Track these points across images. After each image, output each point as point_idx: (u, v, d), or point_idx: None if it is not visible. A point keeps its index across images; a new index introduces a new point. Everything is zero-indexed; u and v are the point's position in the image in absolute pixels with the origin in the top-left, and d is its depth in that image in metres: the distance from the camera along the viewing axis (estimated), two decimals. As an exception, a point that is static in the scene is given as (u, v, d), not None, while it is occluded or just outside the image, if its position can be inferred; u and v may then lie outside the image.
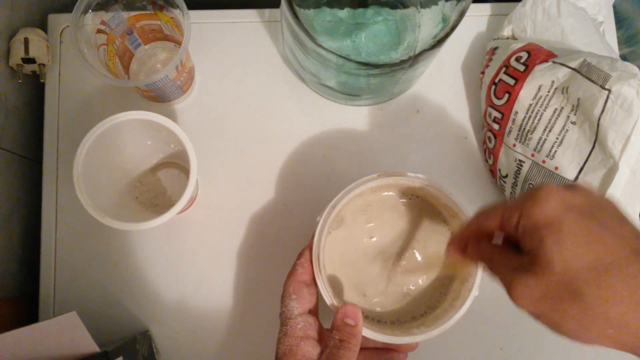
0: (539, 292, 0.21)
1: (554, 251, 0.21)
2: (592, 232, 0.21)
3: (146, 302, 0.45)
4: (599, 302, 0.20)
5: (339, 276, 0.39)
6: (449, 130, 0.49)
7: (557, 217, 0.22)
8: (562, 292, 0.21)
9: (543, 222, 0.22)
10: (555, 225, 0.21)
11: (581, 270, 0.21)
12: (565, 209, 0.22)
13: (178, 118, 0.48)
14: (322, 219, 0.36)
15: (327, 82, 0.45)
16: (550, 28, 0.44)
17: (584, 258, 0.21)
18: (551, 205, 0.22)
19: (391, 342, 0.34)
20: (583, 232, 0.21)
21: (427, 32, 0.40)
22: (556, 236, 0.21)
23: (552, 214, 0.22)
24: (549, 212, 0.22)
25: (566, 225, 0.21)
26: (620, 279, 0.20)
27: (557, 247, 0.21)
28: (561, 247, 0.21)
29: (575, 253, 0.21)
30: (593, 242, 0.21)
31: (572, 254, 0.21)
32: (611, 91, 0.36)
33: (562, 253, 0.21)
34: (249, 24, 0.49)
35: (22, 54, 0.43)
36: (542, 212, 0.22)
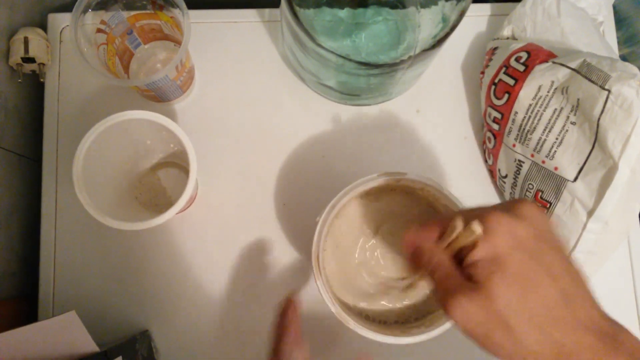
0: (474, 316, 0.24)
1: (499, 288, 0.24)
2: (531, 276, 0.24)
3: (146, 302, 0.45)
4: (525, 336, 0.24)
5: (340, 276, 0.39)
6: (448, 130, 0.49)
7: (505, 254, 0.24)
8: (497, 323, 0.24)
9: (492, 257, 0.24)
10: (503, 263, 0.24)
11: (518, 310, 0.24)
12: (513, 245, 0.24)
13: (178, 118, 0.47)
14: (321, 219, 0.36)
15: (327, 81, 0.45)
16: (550, 28, 0.44)
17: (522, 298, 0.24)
18: (500, 241, 0.24)
19: (391, 342, 0.34)
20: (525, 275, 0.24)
21: (427, 32, 0.40)
22: (502, 275, 0.24)
23: (500, 251, 0.24)
24: (498, 249, 0.24)
25: (513, 265, 0.24)
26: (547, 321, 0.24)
27: (502, 285, 0.24)
28: (505, 286, 0.24)
29: (517, 294, 0.24)
30: (531, 286, 0.24)
31: (514, 294, 0.24)
32: (611, 91, 0.36)
33: (506, 292, 0.24)
34: (249, 23, 0.49)
35: (22, 54, 0.43)
36: (492, 247, 0.24)
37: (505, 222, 0.24)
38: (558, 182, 0.40)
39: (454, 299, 0.24)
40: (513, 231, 0.24)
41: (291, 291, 0.34)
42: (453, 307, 0.24)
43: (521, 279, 0.24)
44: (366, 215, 0.39)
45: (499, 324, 0.24)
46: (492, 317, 0.24)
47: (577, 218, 0.39)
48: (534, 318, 0.24)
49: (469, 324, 0.24)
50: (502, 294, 0.24)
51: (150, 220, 0.37)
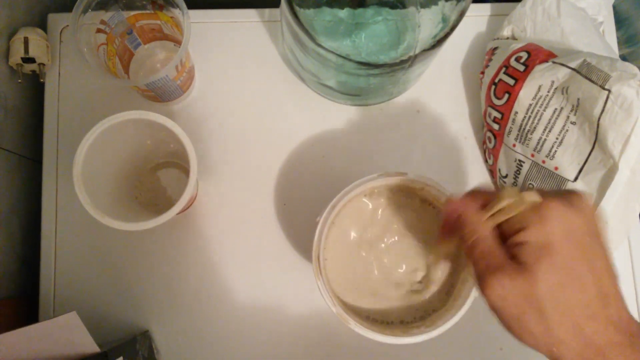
0: (512, 296, 0.24)
1: (544, 274, 0.24)
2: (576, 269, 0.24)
3: (146, 302, 0.45)
4: (557, 325, 0.24)
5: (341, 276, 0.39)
6: (448, 130, 0.49)
7: (557, 243, 0.24)
8: (532, 305, 0.24)
9: (543, 243, 0.24)
10: (554, 251, 0.24)
11: (557, 299, 0.24)
12: (565, 235, 0.24)
13: (178, 117, 0.47)
14: (322, 219, 0.36)
15: (327, 81, 0.45)
16: (550, 28, 0.44)
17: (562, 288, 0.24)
18: (554, 229, 0.24)
19: (392, 342, 0.34)
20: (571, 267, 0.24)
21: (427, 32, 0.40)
22: (551, 262, 0.24)
23: (553, 239, 0.24)
24: (551, 236, 0.24)
25: (562, 255, 0.24)
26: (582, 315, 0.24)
27: (548, 272, 0.24)
28: (551, 274, 0.24)
29: (560, 284, 0.24)
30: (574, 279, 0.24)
31: (557, 284, 0.24)
32: (611, 91, 0.36)
33: (550, 279, 0.24)
34: (249, 23, 0.49)
35: (22, 54, 0.43)
36: (545, 234, 0.24)
37: (562, 211, 0.24)
38: (558, 182, 0.40)
39: (495, 277, 0.24)
40: (568, 222, 0.24)
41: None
42: (492, 283, 0.24)
43: (567, 270, 0.24)
44: (366, 215, 0.39)
45: (535, 309, 0.24)
46: (530, 301, 0.24)
47: (577, 218, 0.39)
48: (570, 310, 0.24)
49: (505, 303, 0.24)
50: (546, 281, 0.24)
51: (150, 221, 0.37)
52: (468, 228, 0.27)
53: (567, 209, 0.25)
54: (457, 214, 0.28)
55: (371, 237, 0.39)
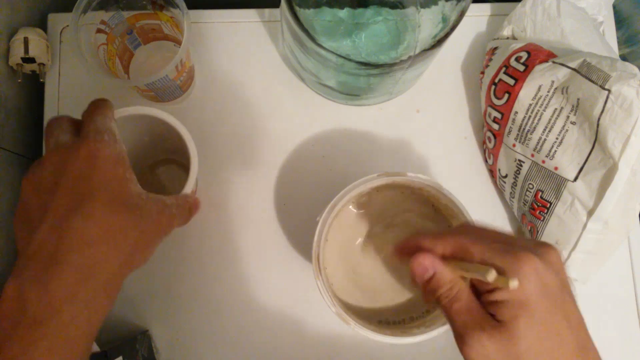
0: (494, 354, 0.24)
1: (524, 331, 0.24)
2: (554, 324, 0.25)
3: (146, 302, 0.45)
4: None
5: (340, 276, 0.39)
6: (448, 130, 0.49)
7: (533, 300, 0.24)
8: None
9: (520, 300, 0.25)
10: (531, 308, 0.24)
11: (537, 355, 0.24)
12: (541, 291, 0.25)
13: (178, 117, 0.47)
14: (322, 219, 0.36)
15: (327, 81, 0.45)
16: (550, 28, 0.44)
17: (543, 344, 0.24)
18: (530, 285, 0.24)
19: (391, 342, 0.34)
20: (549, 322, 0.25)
21: (427, 32, 0.40)
22: (529, 319, 0.24)
23: (529, 296, 0.24)
24: (527, 293, 0.24)
25: (539, 311, 0.24)
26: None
27: (527, 329, 0.24)
28: (530, 330, 0.24)
29: (538, 338, 0.24)
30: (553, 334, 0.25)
31: (535, 339, 0.24)
32: (611, 91, 0.36)
33: (529, 335, 0.24)
34: (248, 23, 0.49)
35: (22, 54, 0.43)
36: (521, 291, 0.24)
37: (536, 267, 0.25)
38: (558, 181, 0.40)
39: (474, 335, 0.25)
40: (542, 277, 0.25)
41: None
42: (471, 342, 0.25)
43: (545, 325, 0.24)
44: (366, 215, 0.39)
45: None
46: (511, 358, 0.24)
47: (577, 218, 0.39)
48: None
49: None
50: (526, 337, 0.24)
51: None
52: (444, 287, 0.27)
53: (540, 265, 0.25)
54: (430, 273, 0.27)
55: (371, 237, 0.39)
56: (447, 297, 0.27)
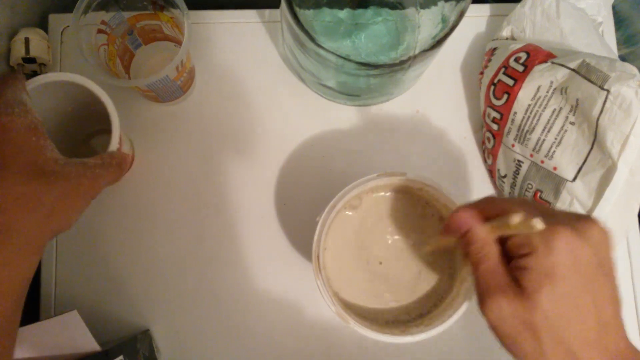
0: (509, 318, 0.25)
1: (543, 303, 0.24)
2: (578, 300, 0.24)
3: (147, 302, 0.45)
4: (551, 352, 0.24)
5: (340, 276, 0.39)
6: (448, 131, 0.49)
7: (560, 273, 0.24)
8: (528, 329, 0.24)
9: (547, 271, 0.24)
10: (556, 281, 0.24)
11: (553, 327, 0.24)
12: (570, 266, 0.24)
13: (178, 118, 0.48)
14: (322, 219, 0.36)
15: (327, 82, 0.45)
16: (550, 29, 0.44)
17: (560, 317, 0.24)
18: (560, 258, 0.24)
19: (391, 341, 0.34)
20: (572, 297, 0.24)
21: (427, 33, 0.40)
22: (551, 291, 0.24)
23: (557, 268, 0.24)
24: (555, 265, 0.24)
25: (564, 285, 0.24)
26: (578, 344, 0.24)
27: (547, 301, 0.24)
28: (550, 303, 0.24)
29: (558, 312, 0.24)
30: (574, 310, 0.24)
31: (555, 312, 0.24)
32: (610, 92, 0.36)
33: (548, 308, 0.24)
34: (249, 24, 0.49)
35: (22, 54, 0.43)
36: (550, 262, 0.24)
37: (570, 241, 0.24)
38: (557, 181, 0.40)
39: (494, 297, 0.25)
40: (575, 252, 0.25)
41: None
42: (490, 304, 0.25)
43: (567, 300, 0.24)
44: (366, 215, 0.39)
45: (530, 334, 0.24)
46: (526, 325, 0.24)
47: (576, 218, 0.39)
48: (566, 339, 0.24)
49: (501, 323, 0.25)
50: (545, 309, 0.24)
51: None
52: (476, 245, 0.27)
53: (575, 239, 0.25)
54: (466, 228, 0.28)
55: (370, 237, 0.39)
56: (477, 255, 0.27)
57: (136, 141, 0.47)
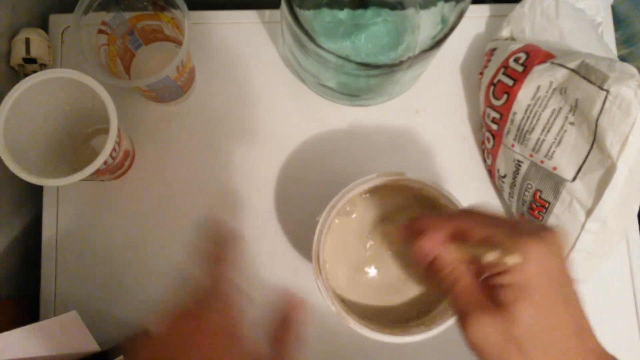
0: (492, 336, 0.25)
1: (524, 314, 0.24)
2: (553, 306, 0.25)
3: (147, 301, 0.45)
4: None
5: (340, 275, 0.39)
6: (447, 131, 0.49)
7: (535, 284, 0.25)
8: (512, 344, 0.25)
9: (522, 284, 0.25)
10: (532, 291, 0.25)
11: (537, 337, 0.24)
12: (543, 276, 0.25)
13: (179, 118, 0.48)
14: (322, 219, 0.36)
15: (327, 82, 0.45)
16: (549, 29, 0.44)
17: (541, 327, 0.25)
18: (533, 269, 0.25)
19: (391, 341, 0.34)
20: (548, 304, 0.25)
21: (426, 33, 0.40)
22: (530, 302, 0.25)
23: (531, 279, 0.25)
24: (529, 277, 0.25)
25: (540, 295, 0.25)
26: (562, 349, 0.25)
27: (527, 312, 0.24)
28: (530, 314, 0.24)
29: (539, 323, 0.25)
30: (552, 316, 0.25)
31: (537, 323, 0.24)
32: (609, 92, 0.36)
33: (529, 319, 0.24)
34: (249, 24, 0.49)
35: (23, 54, 0.43)
36: (524, 275, 0.25)
37: (541, 252, 0.25)
38: (557, 182, 0.40)
39: (475, 316, 0.25)
40: (545, 261, 0.25)
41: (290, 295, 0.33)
42: (472, 324, 0.25)
43: (545, 309, 0.25)
44: (366, 215, 0.39)
45: (515, 349, 0.24)
46: (510, 340, 0.24)
47: (575, 218, 0.40)
48: (551, 348, 0.25)
49: (485, 343, 0.25)
50: (526, 321, 0.24)
51: (69, 176, 0.35)
52: (446, 269, 0.27)
53: (544, 249, 0.25)
54: (432, 256, 0.28)
55: (370, 237, 0.39)
56: (450, 279, 0.27)
57: (136, 141, 0.47)
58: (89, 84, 0.36)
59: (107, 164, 0.38)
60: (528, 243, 0.25)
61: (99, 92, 0.36)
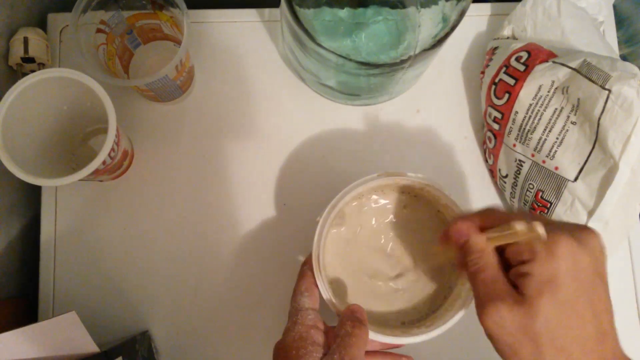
0: (509, 326, 0.24)
1: (544, 309, 0.24)
2: (577, 307, 0.24)
3: (146, 302, 0.45)
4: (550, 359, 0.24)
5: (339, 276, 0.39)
6: (449, 130, 0.49)
7: (561, 280, 0.24)
8: (528, 337, 0.24)
9: (548, 278, 0.24)
10: (557, 288, 0.24)
11: (553, 334, 0.24)
12: (571, 273, 0.24)
13: (177, 117, 0.47)
14: (322, 219, 0.36)
15: (327, 81, 0.45)
16: (551, 28, 0.43)
17: (561, 324, 0.24)
18: (561, 266, 0.24)
19: (391, 342, 0.34)
20: (573, 304, 0.24)
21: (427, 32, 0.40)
22: (552, 298, 0.24)
23: (558, 275, 0.24)
24: (556, 273, 0.24)
25: (565, 292, 0.24)
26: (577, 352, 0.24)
27: (548, 308, 0.24)
28: (551, 309, 0.24)
29: (559, 319, 0.24)
30: (574, 317, 0.24)
31: (556, 319, 0.24)
32: (611, 91, 0.36)
33: (549, 314, 0.24)
34: (248, 23, 0.49)
35: (21, 54, 0.43)
36: (551, 269, 0.24)
37: (571, 249, 0.25)
38: (558, 182, 0.40)
39: (494, 305, 0.25)
40: (576, 260, 0.25)
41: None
42: (490, 312, 0.25)
43: (568, 307, 0.24)
44: (366, 215, 0.39)
45: (530, 341, 0.24)
46: (526, 333, 0.24)
47: (577, 218, 0.39)
48: (566, 347, 0.24)
49: (501, 331, 0.25)
50: (545, 315, 0.24)
51: (68, 176, 0.35)
52: (474, 254, 0.27)
53: (576, 247, 0.25)
54: (464, 238, 0.28)
55: (371, 238, 0.39)
56: (475, 265, 0.27)
57: (135, 141, 0.47)
58: (87, 84, 0.36)
59: (106, 163, 0.38)
60: (561, 240, 0.25)
61: (97, 91, 0.36)
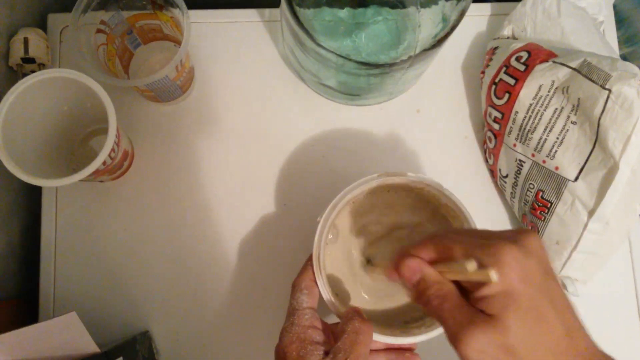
0: (490, 349, 0.24)
1: (514, 322, 0.24)
2: (541, 310, 0.25)
3: (146, 303, 0.45)
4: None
5: (338, 276, 0.39)
6: (449, 130, 0.49)
7: (517, 289, 0.25)
8: (508, 353, 0.24)
9: (505, 292, 0.25)
10: (517, 297, 0.24)
11: (529, 343, 0.24)
12: (523, 280, 0.25)
13: (177, 118, 0.47)
14: (322, 219, 0.36)
15: (327, 81, 0.45)
16: (551, 28, 0.43)
17: (532, 332, 0.24)
18: (512, 275, 0.24)
19: (391, 342, 0.34)
20: (535, 309, 0.25)
21: (427, 32, 0.40)
22: (516, 309, 0.24)
23: (513, 286, 0.24)
24: (510, 283, 0.25)
25: (525, 299, 0.24)
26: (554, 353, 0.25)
27: (517, 319, 0.24)
28: (519, 320, 0.24)
29: (529, 328, 0.24)
30: (541, 321, 0.25)
31: (526, 328, 0.24)
32: (611, 91, 0.36)
33: (519, 325, 0.24)
34: (248, 23, 0.49)
35: (21, 54, 0.43)
36: (505, 282, 0.24)
37: (516, 257, 0.25)
38: (559, 181, 0.40)
39: (468, 331, 0.25)
40: (524, 265, 0.25)
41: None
42: (466, 339, 0.25)
43: (532, 313, 0.24)
44: (366, 215, 0.39)
45: (511, 357, 0.24)
46: (506, 350, 0.24)
47: (578, 218, 0.39)
48: (543, 351, 0.24)
49: (483, 356, 0.25)
50: (517, 328, 0.24)
51: (68, 177, 0.35)
52: (434, 287, 0.27)
53: (521, 253, 0.25)
54: (418, 276, 0.28)
55: (371, 238, 0.39)
56: (437, 298, 0.27)
57: (135, 141, 0.47)
58: (87, 84, 0.36)
59: (106, 164, 0.38)
60: (503, 250, 0.25)
61: (97, 91, 0.36)
